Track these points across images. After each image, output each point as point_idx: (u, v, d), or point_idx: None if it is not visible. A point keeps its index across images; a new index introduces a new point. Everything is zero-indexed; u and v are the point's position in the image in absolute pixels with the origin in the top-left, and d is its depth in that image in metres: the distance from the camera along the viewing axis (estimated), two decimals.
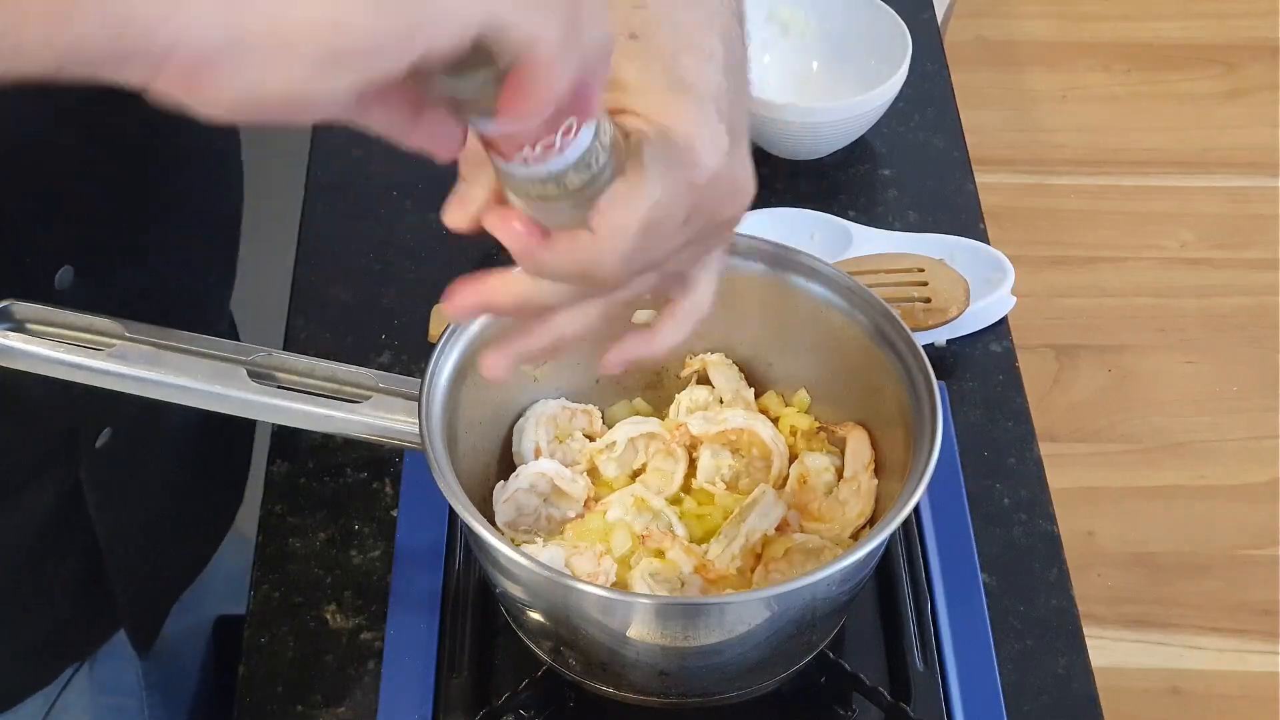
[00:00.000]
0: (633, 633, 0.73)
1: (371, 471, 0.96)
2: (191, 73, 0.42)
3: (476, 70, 0.46)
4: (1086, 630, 0.89)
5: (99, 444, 0.85)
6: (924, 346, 0.79)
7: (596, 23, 0.47)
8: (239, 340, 0.92)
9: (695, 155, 0.57)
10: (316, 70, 0.43)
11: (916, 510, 0.91)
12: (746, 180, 0.62)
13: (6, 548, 0.86)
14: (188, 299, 0.90)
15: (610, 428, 0.87)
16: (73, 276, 0.78)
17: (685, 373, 0.89)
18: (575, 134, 0.51)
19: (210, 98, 0.43)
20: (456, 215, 0.59)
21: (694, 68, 0.61)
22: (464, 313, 0.63)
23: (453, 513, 0.76)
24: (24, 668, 0.91)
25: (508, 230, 0.57)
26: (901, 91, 1.15)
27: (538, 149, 0.51)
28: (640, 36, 0.61)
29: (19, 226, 0.75)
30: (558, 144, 0.51)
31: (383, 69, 0.44)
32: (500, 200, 0.57)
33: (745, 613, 0.73)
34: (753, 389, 0.88)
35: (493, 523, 0.81)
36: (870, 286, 0.82)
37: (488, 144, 0.52)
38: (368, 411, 0.78)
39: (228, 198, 0.95)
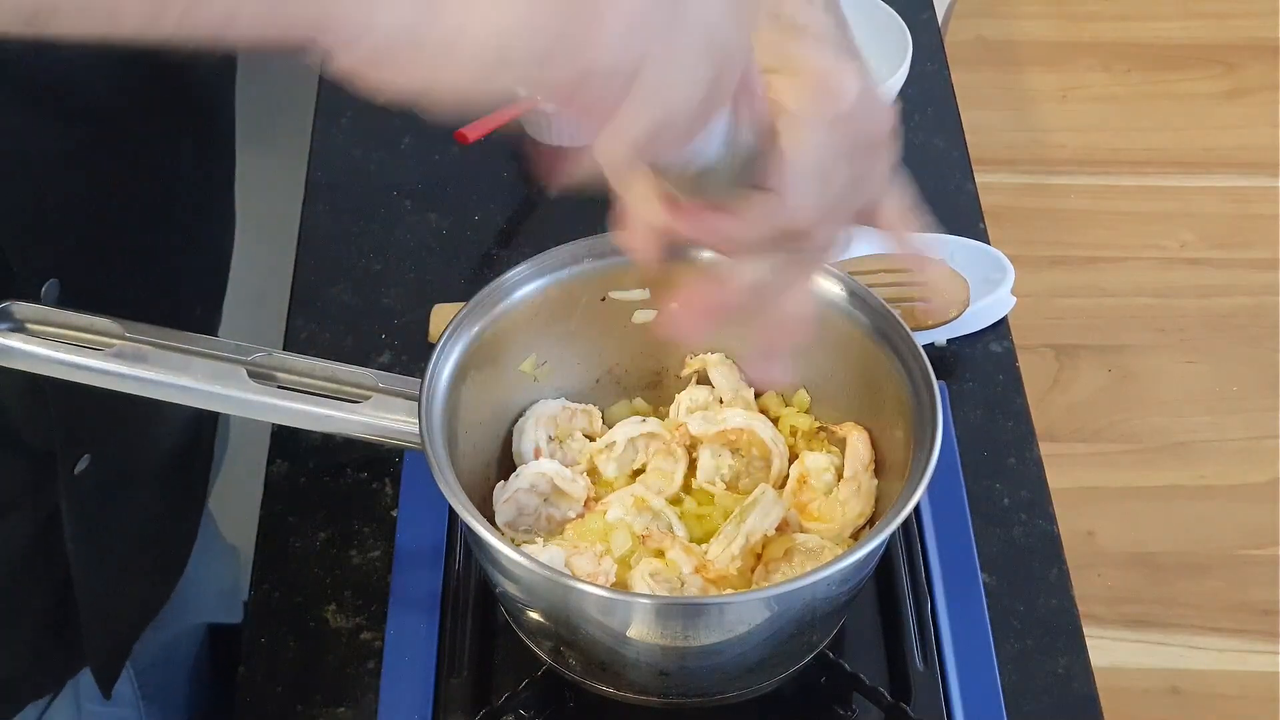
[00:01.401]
0: (633, 633, 0.73)
1: (371, 471, 0.96)
2: (378, 58, 0.46)
3: None
4: (1086, 630, 0.89)
5: (78, 470, 0.84)
6: (924, 346, 0.79)
7: (739, 57, 0.50)
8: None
9: (834, 88, 0.58)
10: (488, 73, 0.46)
11: (916, 510, 0.91)
12: (882, 95, 0.63)
13: None
14: (174, 314, 0.90)
15: (610, 428, 0.87)
16: (59, 290, 0.78)
17: (685, 373, 0.89)
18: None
19: (387, 82, 0.47)
20: (639, 240, 0.61)
21: (800, 12, 0.62)
22: (701, 335, 0.64)
23: (453, 513, 0.76)
24: None
25: (692, 222, 0.58)
26: (901, 91, 1.15)
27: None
28: None
29: (5, 238, 0.75)
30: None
31: (545, 79, 0.47)
32: (667, 203, 0.59)
33: (745, 613, 0.73)
34: (753, 389, 0.88)
35: (493, 523, 0.81)
36: (870, 286, 0.82)
37: None
38: (368, 411, 0.78)
39: (220, 215, 0.95)
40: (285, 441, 0.97)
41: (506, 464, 0.86)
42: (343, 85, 0.48)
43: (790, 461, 0.85)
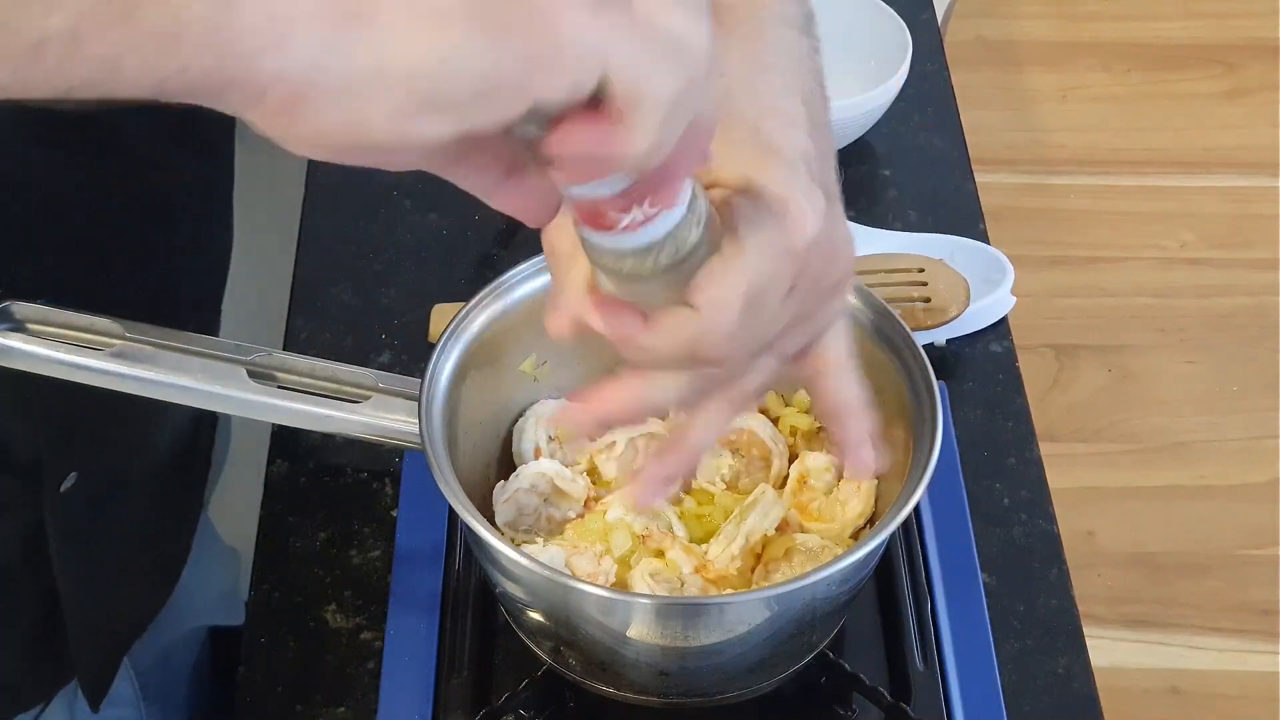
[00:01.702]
0: (633, 633, 0.73)
1: (371, 471, 0.96)
2: (288, 107, 0.41)
3: None
4: (1086, 630, 0.89)
5: (63, 488, 0.83)
6: (924, 346, 0.79)
7: (709, 90, 0.44)
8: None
9: (793, 220, 0.54)
10: (418, 114, 0.41)
11: (916, 510, 0.91)
12: (847, 241, 0.60)
13: None
14: (173, 318, 0.90)
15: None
16: (54, 303, 0.77)
17: None
18: (674, 201, 0.49)
19: (305, 134, 0.42)
20: (558, 322, 0.57)
21: (778, 132, 0.59)
22: (583, 430, 0.61)
23: (453, 513, 0.76)
24: None
25: (608, 318, 0.54)
26: (901, 91, 1.15)
27: (630, 216, 0.48)
28: (721, 105, 0.59)
29: (3, 248, 0.75)
30: (654, 212, 0.49)
31: (488, 118, 0.41)
32: (593, 294, 0.55)
33: (745, 613, 0.73)
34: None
35: (493, 523, 0.81)
36: (870, 286, 0.82)
37: (582, 213, 0.49)
38: (368, 411, 0.78)
39: (219, 218, 0.95)
40: (285, 441, 0.97)
41: (506, 464, 0.86)
42: (170, 155, 0.43)
43: (790, 461, 0.85)
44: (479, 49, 0.40)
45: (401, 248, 1.12)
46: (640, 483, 0.62)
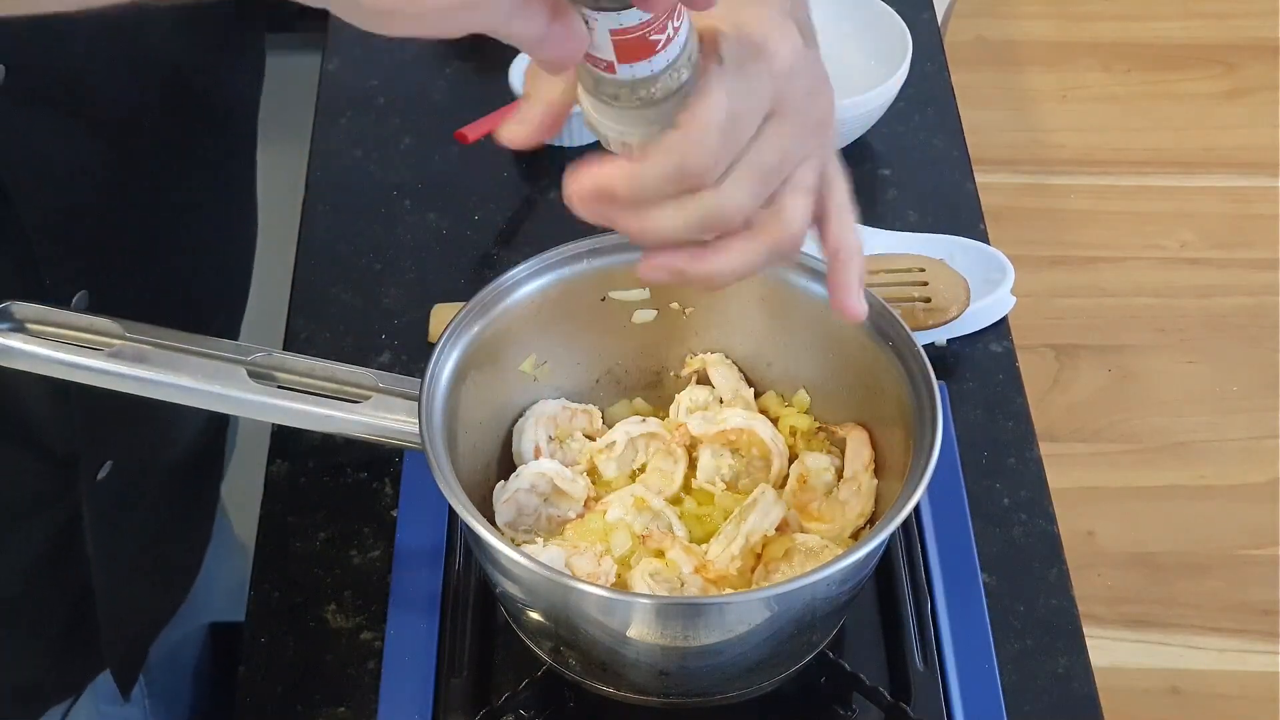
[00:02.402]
0: (633, 633, 0.73)
1: (371, 471, 0.96)
2: None
3: None
4: (1086, 630, 0.90)
5: (100, 476, 0.84)
6: (924, 346, 0.79)
7: None
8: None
9: (770, 46, 0.58)
10: None
11: (916, 510, 0.91)
12: (825, 79, 0.63)
13: (2, 583, 0.86)
14: (196, 323, 0.91)
15: (610, 428, 0.87)
16: (88, 301, 0.78)
17: (685, 372, 0.89)
18: (678, 34, 0.55)
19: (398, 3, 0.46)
20: (515, 131, 0.61)
21: None
22: (583, 198, 0.61)
23: (453, 513, 0.76)
24: (5, 710, 0.91)
25: (593, 166, 0.58)
26: (901, 91, 1.15)
27: (665, 35, 0.54)
28: None
29: (41, 248, 0.75)
30: (678, 26, 0.54)
31: None
32: (558, 115, 0.60)
33: (745, 613, 0.73)
34: (752, 389, 0.88)
35: (493, 523, 0.81)
36: (870, 286, 0.81)
37: (625, 47, 0.54)
38: (368, 411, 0.78)
39: (243, 223, 0.95)
40: (285, 441, 0.97)
41: (506, 464, 0.86)
42: (206, 145, 0.46)
43: (790, 461, 0.85)
44: None
45: (401, 248, 1.12)
46: (658, 256, 0.63)
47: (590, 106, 0.58)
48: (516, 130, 0.61)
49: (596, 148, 0.60)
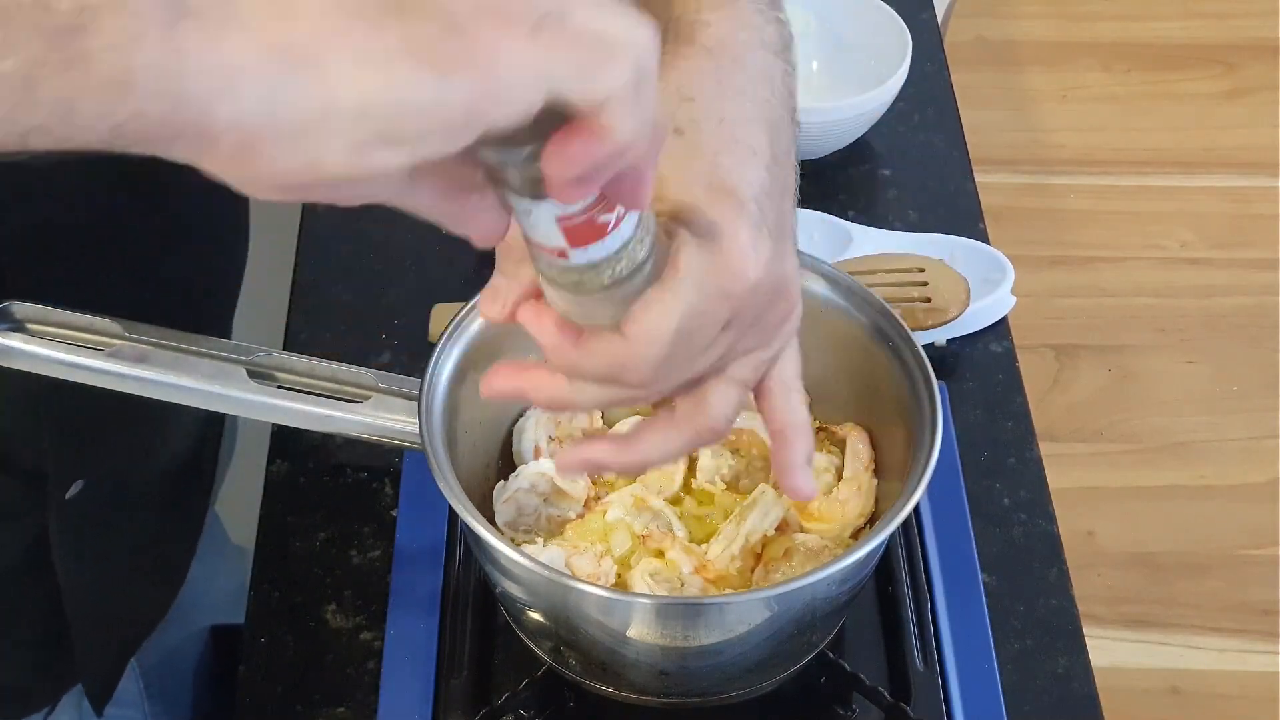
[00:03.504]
0: (633, 633, 0.73)
1: (371, 471, 0.96)
2: (243, 152, 0.41)
3: (527, 143, 0.45)
4: (1086, 630, 0.89)
5: (69, 495, 0.83)
6: (924, 346, 0.79)
7: (653, 102, 0.45)
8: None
9: (735, 264, 0.55)
10: (371, 150, 0.41)
11: (916, 510, 0.91)
12: (791, 283, 0.60)
13: None
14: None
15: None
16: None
17: None
18: (618, 224, 0.50)
19: (261, 176, 0.42)
20: (491, 308, 0.58)
21: (736, 168, 0.59)
22: (497, 395, 0.61)
23: (453, 513, 0.76)
24: None
25: (541, 327, 0.55)
26: (901, 91, 1.15)
27: (613, 215, 0.50)
28: (685, 132, 0.59)
29: (10, 264, 0.75)
30: (613, 219, 0.50)
31: (440, 148, 0.42)
32: (536, 296, 0.56)
33: (745, 613, 0.73)
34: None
35: (493, 523, 0.81)
36: (870, 286, 0.82)
37: (568, 230, 0.50)
38: (368, 411, 0.78)
39: (234, 233, 0.95)
40: (285, 441, 0.97)
41: (506, 464, 0.86)
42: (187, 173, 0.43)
43: None
44: (425, 85, 0.40)
45: (401, 248, 1.12)
46: (570, 455, 0.63)
47: (553, 296, 0.55)
48: (495, 310, 0.58)
49: None
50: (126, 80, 0.39)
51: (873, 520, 0.82)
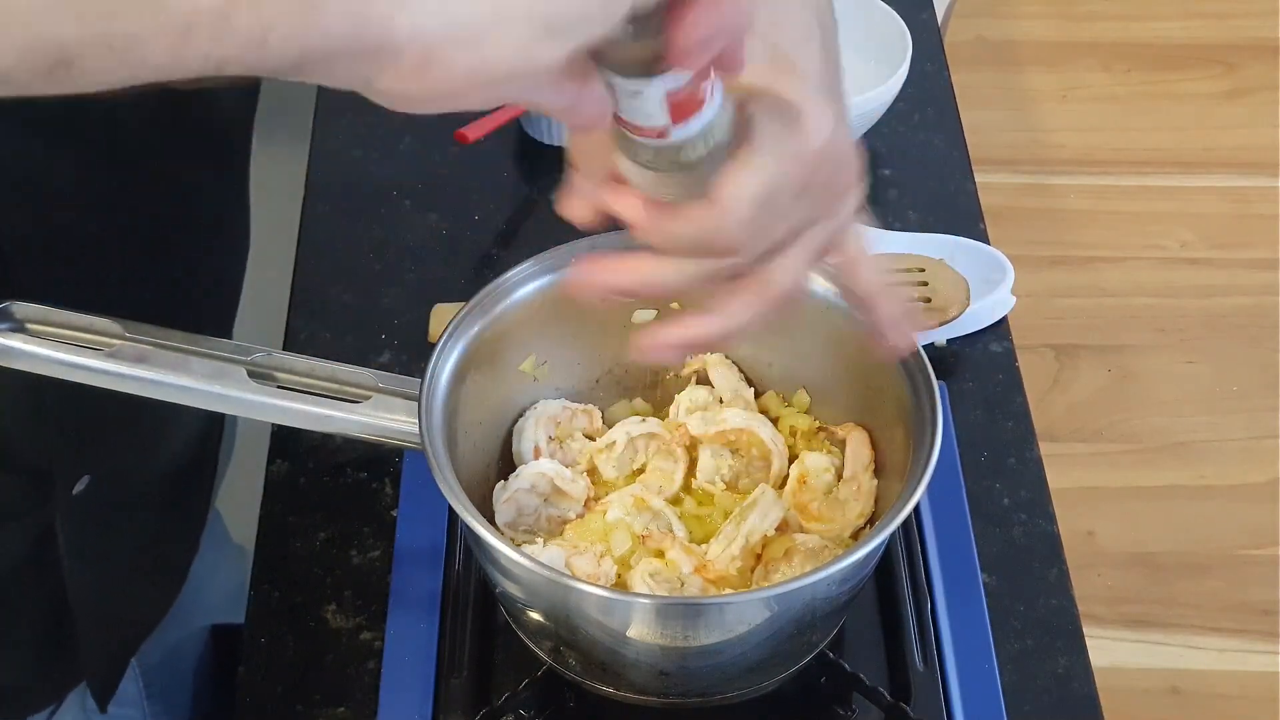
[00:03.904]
0: (633, 633, 0.73)
1: (371, 471, 0.96)
2: (424, 63, 0.45)
3: (653, 22, 0.49)
4: (1086, 630, 0.89)
5: (76, 491, 0.84)
6: (924, 346, 0.79)
7: None
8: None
9: (806, 127, 0.58)
10: (536, 43, 0.45)
11: (916, 510, 0.91)
12: (853, 151, 0.63)
13: None
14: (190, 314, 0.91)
15: (610, 428, 0.87)
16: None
17: (685, 372, 0.89)
18: (711, 97, 0.54)
19: (434, 85, 0.45)
20: (576, 206, 0.61)
21: (793, 47, 0.63)
22: (589, 292, 0.62)
23: (453, 513, 0.76)
24: None
25: (632, 205, 0.58)
26: (901, 91, 1.15)
27: (710, 85, 0.53)
28: None
29: (13, 259, 0.75)
30: (704, 97, 0.53)
31: (596, 31, 0.47)
32: (614, 183, 0.59)
33: (745, 613, 0.73)
34: (752, 389, 0.88)
35: (493, 523, 0.81)
36: None
37: (673, 104, 0.53)
38: (368, 411, 0.78)
39: (234, 237, 0.95)
40: (285, 441, 0.97)
41: (506, 464, 0.86)
42: (394, 113, 0.46)
43: (790, 461, 0.85)
44: None
45: (401, 248, 1.12)
46: (656, 336, 0.63)
47: (630, 171, 0.57)
48: (577, 208, 0.61)
49: None
50: (316, 4, 0.42)
51: (873, 520, 0.82)
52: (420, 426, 0.75)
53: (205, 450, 1.01)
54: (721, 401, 0.87)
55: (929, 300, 1.02)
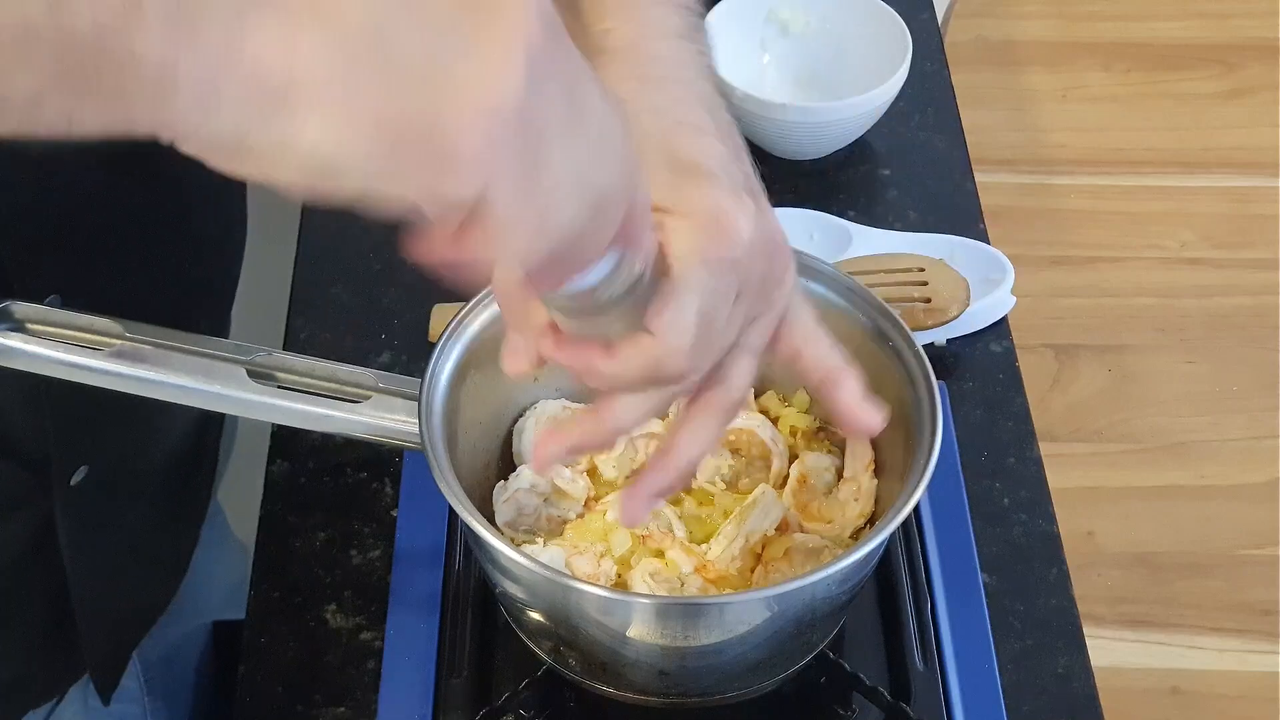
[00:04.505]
0: (633, 633, 0.73)
1: (371, 471, 0.96)
2: (214, 152, 0.44)
3: None
4: (1086, 630, 0.89)
5: (74, 481, 0.84)
6: (924, 346, 0.79)
7: (604, 152, 0.47)
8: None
9: (727, 231, 0.56)
10: (317, 181, 0.46)
11: (916, 510, 0.91)
12: (780, 235, 0.61)
13: None
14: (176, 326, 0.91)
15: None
16: (60, 304, 0.78)
17: None
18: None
19: (230, 169, 0.45)
20: (516, 363, 0.60)
21: (690, 145, 0.61)
22: (555, 460, 0.63)
23: (453, 513, 0.76)
24: None
25: (571, 353, 0.57)
26: (901, 91, 1.15)
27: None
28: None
29: (9, 250, 0.75)
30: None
31: (374, 204, 0.47)
32: (552, 333, 0.58)
33: (745, 612, 0.73)
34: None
35: (493, 523, 0.81)
36: (870, 286, 0.82)
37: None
38: (368, 411, 0.78)
39: (231, 232, 0.95)
40: (285, 441, 0.97)
41: (506, 464, 0.86)
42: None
43: (790, 461, 0.85)
44: (373, 152, 0.43)
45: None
46: (631, 498, 0.64)
47: (559, 319, 0.56)
48: (521, 363, 0.60)
49: None
50: (126, 103, 0.42)
51: (873, 520, 0.82)
52: (420, 426, 0.75)
53: (204, 441, 1.01)
54: None
55: (929, 300, 1.02)
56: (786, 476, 0.84)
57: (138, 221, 0.83)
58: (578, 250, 0.48)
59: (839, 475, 0.83)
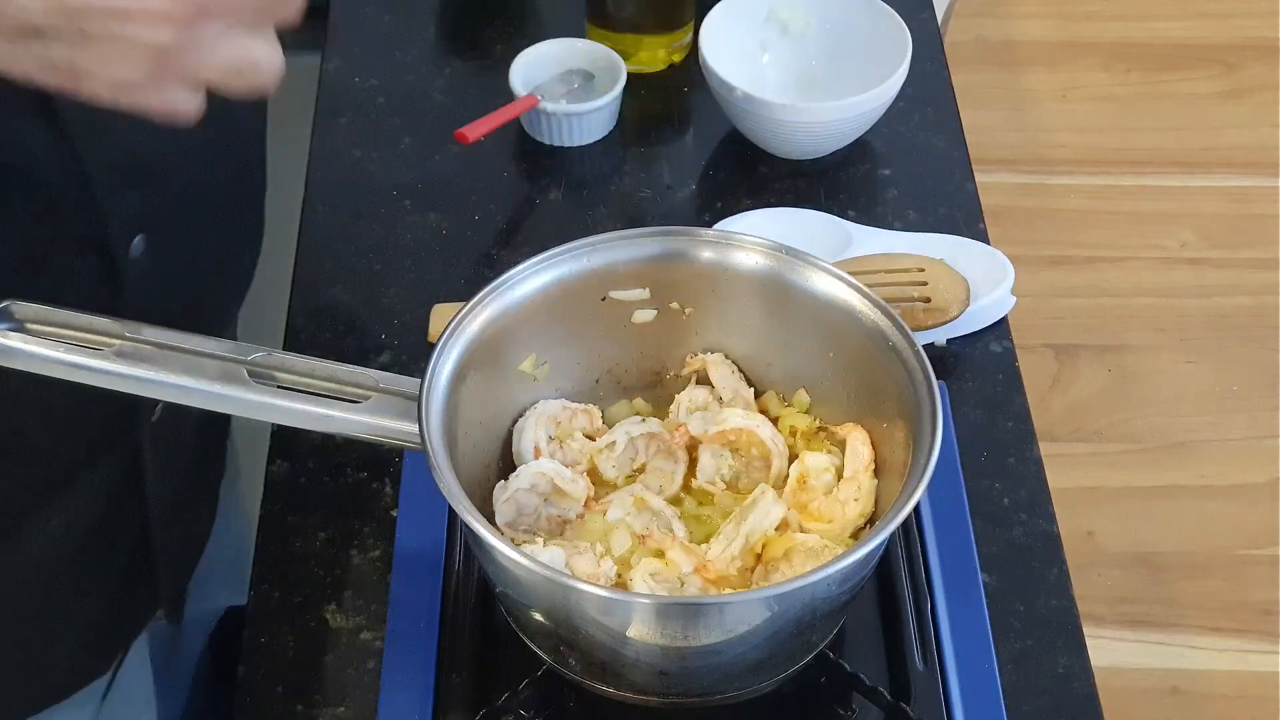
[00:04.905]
0: (633, 633, 0.73)
1: (371, 471, 0.96)
2: None
3: None
4: (1086, 630, 0.90)
5: (154, 418, 0.87)
6: (924, 346, 0.79)
7: None
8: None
9: None
10: None
11: (916, 510, 0.91)
12: None
13: (70, 528, 0.87)
14: (228, 282, 0.94)
15: (610, 428, 0.87)
16: (145, 245, 0.79)
17: (685, 372, 0.89)
18: None
19: None
20: None
21: None
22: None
23: (453, 513, 0.76)
24: (84, 653, 0.93)
25: None
26: (901, 91, 1.15)
27: None
28: None
29: (102, 190, 0.76)
30: None
31: None
32: None
33: (745, 613, 0.73)
34: (752, 389, 0.88)
35: (493, 523, 0.81)
36: (870, 286, 0.82)
37: None
38: (368, 411, 0.78)
39: (246, 255, 0.98)
40: (285, 441, 0.97)
41: (506, 464, 0.86)
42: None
43: (790, 461, 0.85)
44: None
45: (401, 248, 1.12)
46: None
47: None
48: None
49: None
50: None
51: (873, 520, 0.82)
52: (420, 426, 0.75)
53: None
54: (721, 401, 0.87)
55: (929, 300, 1.02)
56: (786, 476, 0.84)
57: (216, 175, 0.85)
58: None
59: (839, 475, 0.83)
